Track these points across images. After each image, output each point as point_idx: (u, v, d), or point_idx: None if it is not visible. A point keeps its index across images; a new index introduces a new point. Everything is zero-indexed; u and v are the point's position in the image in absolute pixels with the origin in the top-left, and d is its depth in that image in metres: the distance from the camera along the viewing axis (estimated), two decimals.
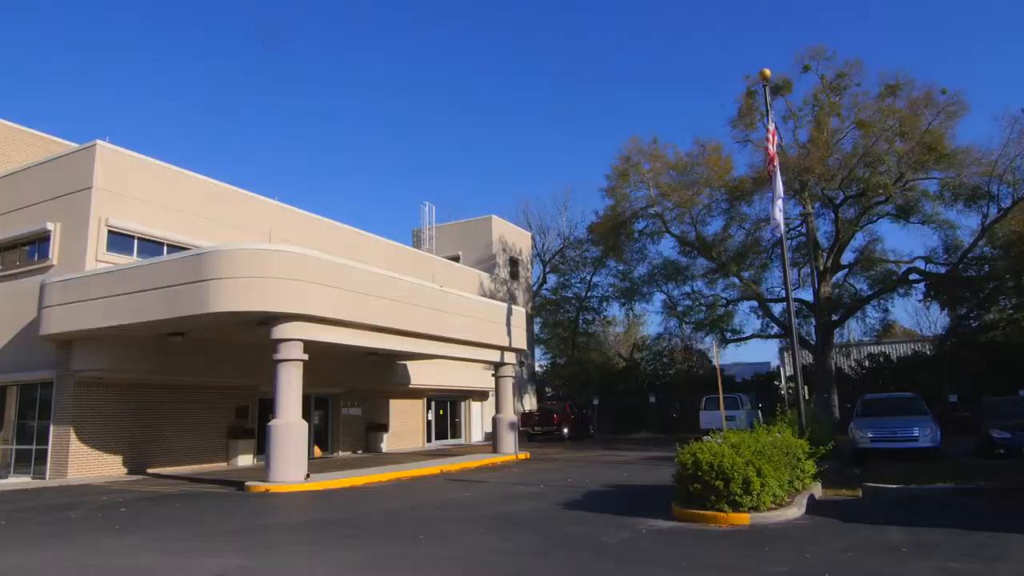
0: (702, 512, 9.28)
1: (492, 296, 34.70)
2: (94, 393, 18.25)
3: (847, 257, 33.69)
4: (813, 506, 10.37)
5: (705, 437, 10.44)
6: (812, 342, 33.29)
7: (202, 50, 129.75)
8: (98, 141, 19.04)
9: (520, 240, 41.68)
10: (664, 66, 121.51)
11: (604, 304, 46.48)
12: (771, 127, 14.61)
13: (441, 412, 32.98)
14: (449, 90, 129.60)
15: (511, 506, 11.38)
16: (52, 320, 17.10)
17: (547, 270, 47.47)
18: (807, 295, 33.96)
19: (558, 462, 20.79)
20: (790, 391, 32.39)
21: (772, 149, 13.83)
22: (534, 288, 44.52)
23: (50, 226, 19.12)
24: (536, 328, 45.57)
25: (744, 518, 9.08)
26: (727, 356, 41.16)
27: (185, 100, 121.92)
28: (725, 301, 36.83)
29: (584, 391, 43.85)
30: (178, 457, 20.04)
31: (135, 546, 8.35)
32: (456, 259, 37.55)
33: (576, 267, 46.13)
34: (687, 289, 38.73)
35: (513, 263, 40.12)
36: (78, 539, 8.93)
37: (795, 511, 9.60)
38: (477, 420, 35.00)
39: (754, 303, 36.16)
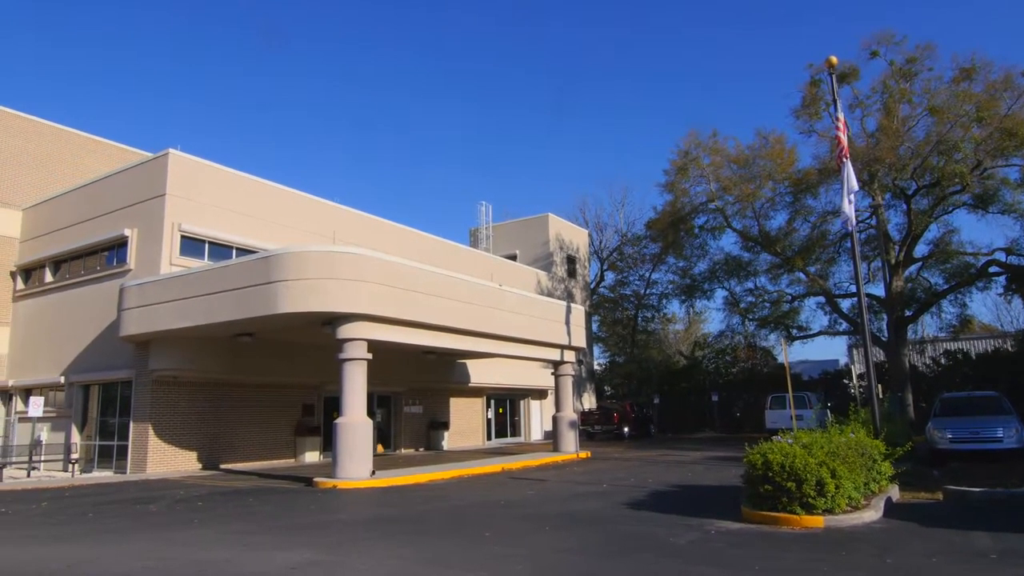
0: (773, 514, 9.02)
1: (549, 294, 34.65)
2: (170, 391, 19.03)
3: (920, 250, 32.30)
4: (891, 509, 9.96)
5: (775, 437, 10.15)
6: (884, 339, 32.02)
7: (249, 53, 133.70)
8: (170, 150, 19.83)
9: (577, 237, 41.48)
10: (722, 59, 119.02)
11: (664, 301, 45.83)
12: (840, 116, 14.07)
13: (500, 410, 33.13)
14: (502, 90, 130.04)
15: (575, 505, 11.32)
16: (131, 322, 17.89)
17: (605, 267, 47.14)
18: (878, 290, 32.69)
19: (619, 461, 20.60)
20: (862, 389, 31.25)
21: (843, 138, 13.32)
22: (592, 286, 44.24)
23: (127, 232, 20.01)
24: (594, 326, 45.27)
25: (818, 521, 8.79)
26: (793, 354, 40.08)
27: (237, 101, 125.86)
28: (790, 297, 35.82)
29: (644, 389, 43.35)
30: (249, 453, 20.71)
31: (213, 539, 8.65)
32: (513, 258, 37.65)
33: (634, 264, 45.60)
34: (750, 285, 37.86)
35: (570, 261, 39.95)
36: (160, 532, 9.31)
37: (872, 514, 9.24)
38: (536, 418, 35.01)
39: (821, 299, 35.04)
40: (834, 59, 15.25)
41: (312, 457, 21.96)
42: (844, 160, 13.29)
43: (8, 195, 23.51)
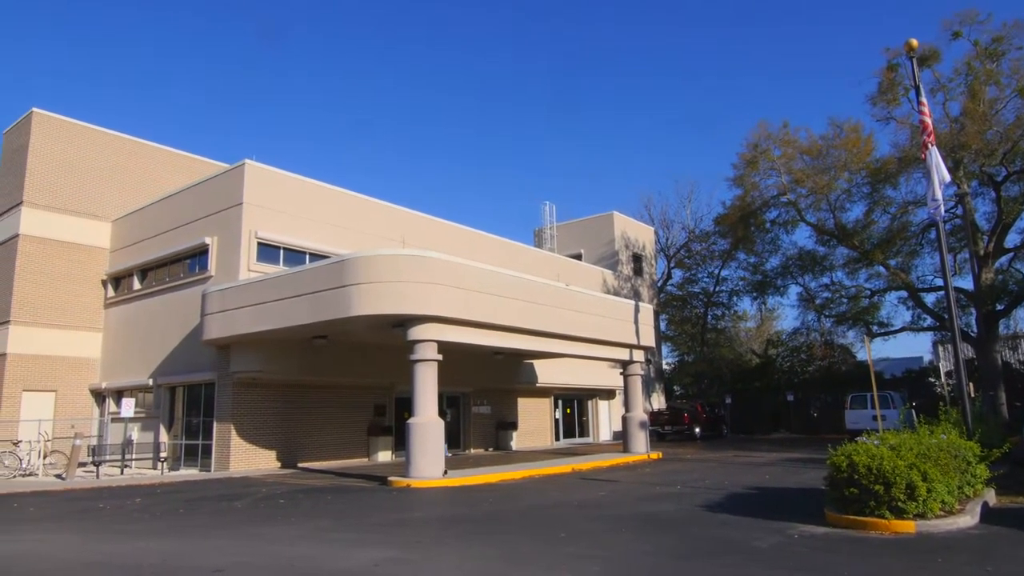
0: (860, 518, 8.66)
1: (615, 293, 34.32)
2: (250, 393, 19.75)
3: (1012, 240, 30.45)
4: (988, 514, 9.42)
5: (860, 438, 9.75)
6: (973, 334, 30.34)
7: (301, 59, 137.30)
8: (246, 160, 20.59)
9: (643, 235, 40.95)
10: (790, 50, 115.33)
11: (734, 299, 44.72)
12: (923, 101, 13.40)
13: (568, 410, 33.01)
14: (562, 91, 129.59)
15: (649, 507, 11.16)
16: (213, 326, 18.65)
17: (672, 265, 46.31)
18: (965, 283, 31.04)
19: (692, 463, 20.21)
20: (950, 388, 29.73)
21: (928, 122, 12.67)
22: (659, 284, 43.58)
23: (208, 240, 20.88)
24: (662, 325, 44.58)
25: (909, 526, 8.39)
26: (873, 351, 38.47)
27: (312, 111, 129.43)
28: (869, 292, 34.37)
29: (714, 389, 42.40)
30: (324, 452, 21.29)
31: (297, 536, 8.92)
32: (578, 257, 37.46)
33: (703, 261, 44.65)
34: (826, 280, 36.54)
35: (636, 259, 39.47)
36: (246, 528, 9.67)
37: (968, 519, 8.75)
38: (605, 419, 34.73)
39: (903, 293, 33.48)
40: (914, 42, 14.53)
41: (384, 456, 22.40)
42: (930, 146, 12.62)
43: (98, 208, 24.90)
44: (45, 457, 19.94)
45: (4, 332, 22.65)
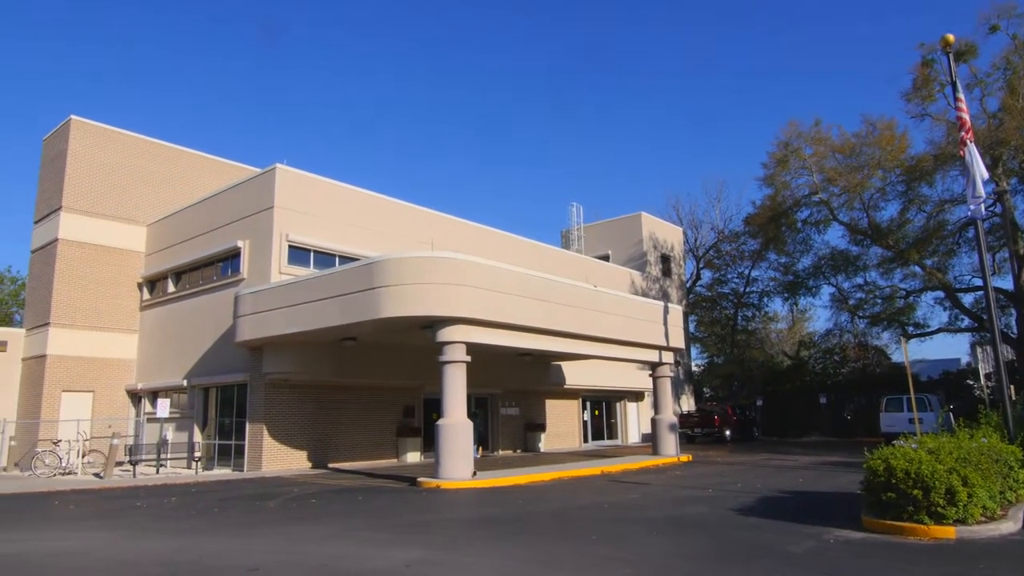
0: (898, 523, 8.48)
1: (644, 294, 34.09)
2: (282, 394, 20.00)
3: None
4: None
5: (897, 441, 9.55)
6: (1013, 335, 29.57)
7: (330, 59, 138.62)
8: (277, 165, 20.87)
9: (671, 236, 40.63)
10: (821, 48, 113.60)
11: (765, 299, 44.12)
12: (960, 96, 13.10)
13: (596, 412, 32.86)
14: (588, 90, 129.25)
15: (680, 509, 11.05)
16: (245, 328, 18.92)
17: (701, 266, 45.88)
18: (1005, 283, 30.22)
19: (723, 465, 19.98)
20: (989, 391, 28.98)
21: (966, 118, 12.38)
22: (687, 285, 43.20)
23: (240, 243, 21.20)
24: (691, 326, 44.18)
25: (948, 531, 8.19)
26: (909, 353, 37.66)
27: (337, 111, 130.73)
28: (904, 292, 33.70)
29: (745, 391, 41.89)
30: (354, 453, 21.47)
31: (329, 535, 9.00)
32: (605, 258, 37.29)
33: (732, 261, 44.15)
34: (859, 280, 35.92)
35: (665, 260, 39.17)
36: (279, 527, 9.78)
37: (1011, 525, 8.52)
38: (633, 421, 34.51)
39: (940, 293, 32.79)
40: (950, 37, 14.23)
41: (414, 457, 22.52)
42: (968, 142, 12.33)
43: (134, 212, 25.45)
44: (84, 456, 20.39)
45: (44, 334, 23.25)
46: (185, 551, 8.13)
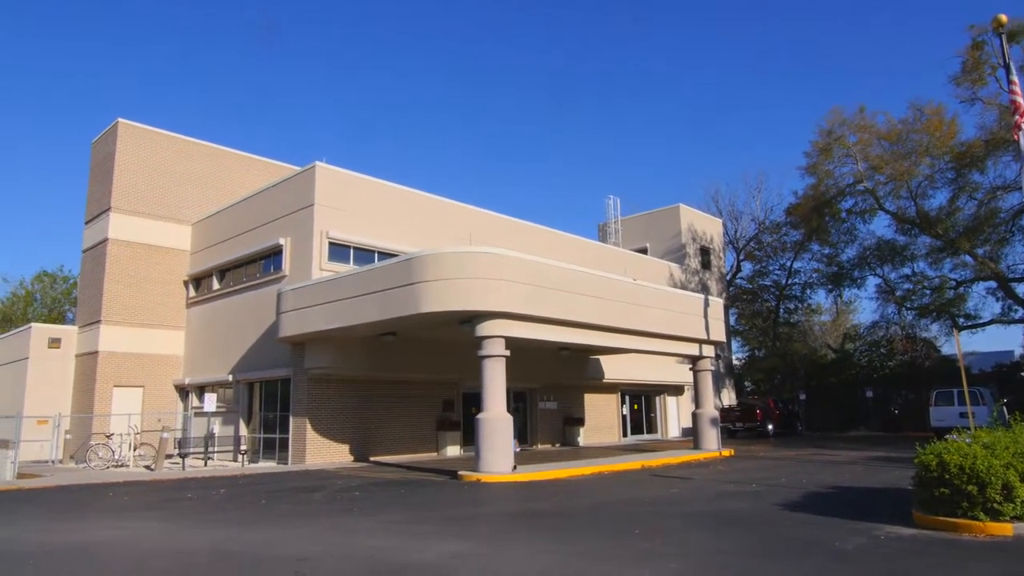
0: (951, 520, 8.24)
1: (682, 287, 33.71)
2: (324, 388, 20.31)
3: None
4: None
5: (949, 436, 9.27)
6: None
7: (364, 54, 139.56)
8: (317, 163, 21.15)
9: (710, 228, 40.09)
10: (866, 35, 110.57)
11: (808, 291, 43.28)
12: (1014, 79, 12.62)
13: (636, 407, 32.66)
14: (626, 85, 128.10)
15: (724, 504, 10.92)
16: (288, 324, 19.25)
17: (741, 258, 45.17)
18: None
19: (766, 460, 19.68)
20: None
21: (1019, 100, 11.92)
22: (727, 277, 42.58)
23: (282, 241, 21.56)
24: (732, 319, 43.54)
25: (1006, 528, 7.93)
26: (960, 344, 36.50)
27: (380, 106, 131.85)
28: (955, 282, 32.71)
29: (787, 385, 41.17)
30: (394, 446, 21.71)
31: (374, 527, 9.12)
32: (643, 251, 36.99)
33: (774, 253, 43.37)
34: (907, 271, 34.98)
35: (704, 252, 38.67)
36: (325, 519, 9.94)
37: None
38: (673, 415, 34.22)
39: (992, 283, 31.72)
40: (1003, 17, 13.71)
41: (453, 451, 22.67)
42: (1022, 126, 11.88)
43: (179, 212, 26.09)
44: (135, 449, 21.03)
45: (96, 331, 24.01)
46: (235, 541, 8.32)
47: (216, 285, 24.60)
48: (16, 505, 12.31)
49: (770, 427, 31.72)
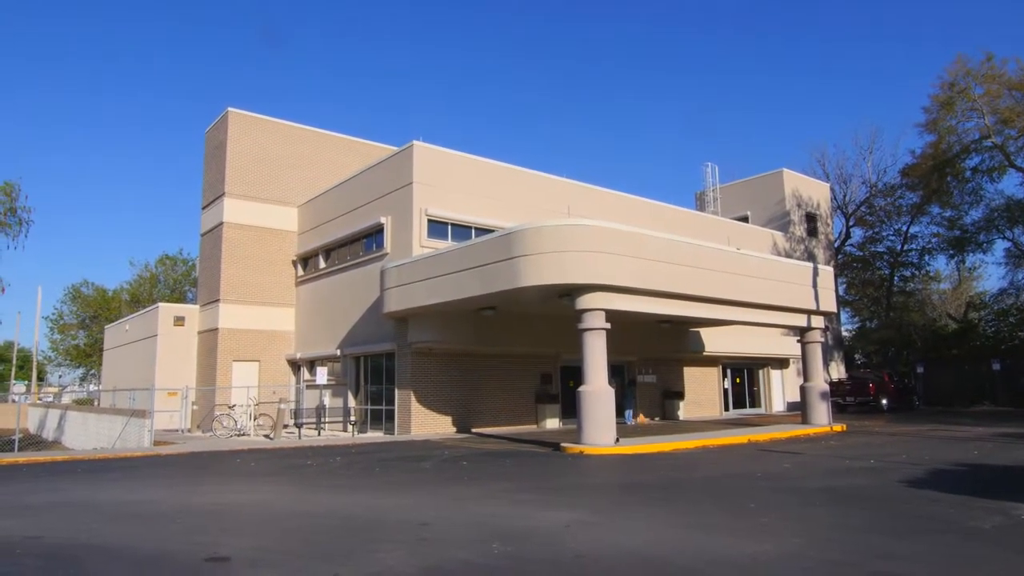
0: None
1: (787, 256, 32.34)
2: (426, 361, 20.89)
3: None
4: None
5: None
6: None
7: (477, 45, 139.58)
8: (414, 142, 21.54)
9: (816, 192, 38.09)
10: None
11: (926, 258, 40.50)
12: None
13: (738, 380, 31.76)
14: (719, 55, 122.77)
15: (841, 480, 10.48)
16: (391, 300, 19.86)
17: (851, 223, 42.69)
18: None
19: (882, 436, 18.73)
20: None
21: None
22: (836, 245, 40.44)
23: (383, 219, 22.19)
24: (840, 289, 41.39)
25: None
26: None
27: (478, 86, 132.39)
28: None
29: (902, 357, 38.89)
30: (495, 419, 22.11)
31: (483, 495, 9.36)
32: (744, 219, 35.68)
33: (887, 218, 40.74)
34: None
35: (810, 219, 36.86)
36: (436, 487, 10.27)
37: None
38: (777, 389, 33.06)
39: None
40: None
41: (552, 424, 22.84)
42: None
43: (286, 195, 27.32)
44: (255, 419, 22.42)
45: (216, 310, 25.64)
46: (358, 505, 8.75)
47: (322, 264, 25.67)
48: (156, 469, 13.42)
49: (884, 401, 30.12)
